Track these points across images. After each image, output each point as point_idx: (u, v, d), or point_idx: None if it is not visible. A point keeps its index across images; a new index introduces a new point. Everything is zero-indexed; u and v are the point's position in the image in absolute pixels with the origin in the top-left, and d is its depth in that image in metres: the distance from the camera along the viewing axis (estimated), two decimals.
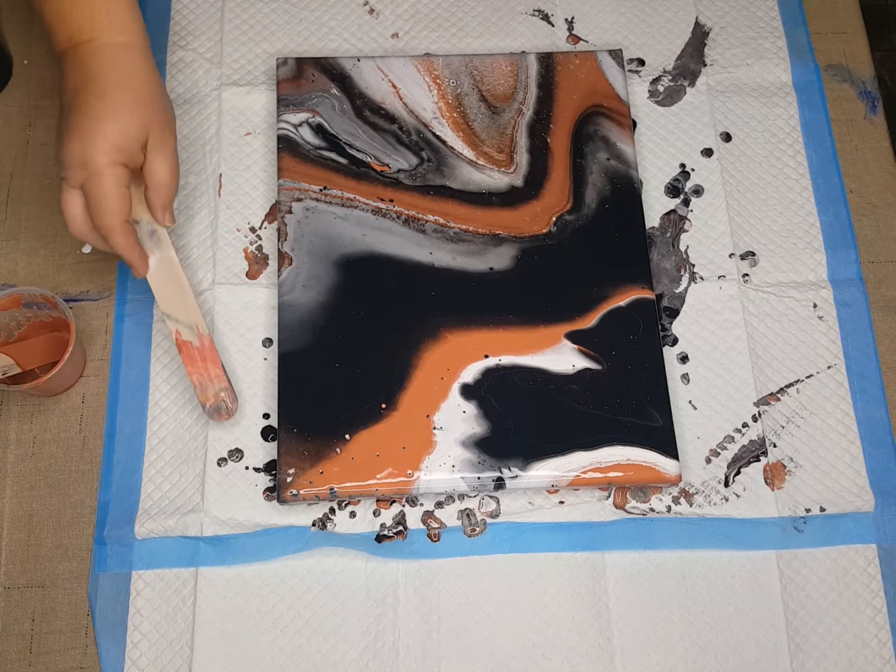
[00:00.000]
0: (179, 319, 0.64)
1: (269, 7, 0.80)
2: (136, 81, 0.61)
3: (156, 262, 0.64)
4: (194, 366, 0.64)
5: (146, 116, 0.60)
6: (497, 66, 0.76)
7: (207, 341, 0.64)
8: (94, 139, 0.58)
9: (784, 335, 0.71)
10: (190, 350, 0.64)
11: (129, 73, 0.60)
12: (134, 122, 0.59)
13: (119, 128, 0.58)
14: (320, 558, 0.64)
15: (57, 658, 0.62)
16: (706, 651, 0.63)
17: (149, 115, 0.60)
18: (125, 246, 0.60)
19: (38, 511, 0.65)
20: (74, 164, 0.58)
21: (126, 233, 0.60)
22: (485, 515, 0.65)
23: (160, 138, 0.61)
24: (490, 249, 0.70)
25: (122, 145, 0.59)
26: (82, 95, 0.59)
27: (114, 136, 0.58)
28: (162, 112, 0.62)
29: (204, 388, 0.63)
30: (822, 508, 0.66)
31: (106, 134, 0.58)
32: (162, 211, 0.63)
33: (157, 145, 0.61)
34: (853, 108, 0.79)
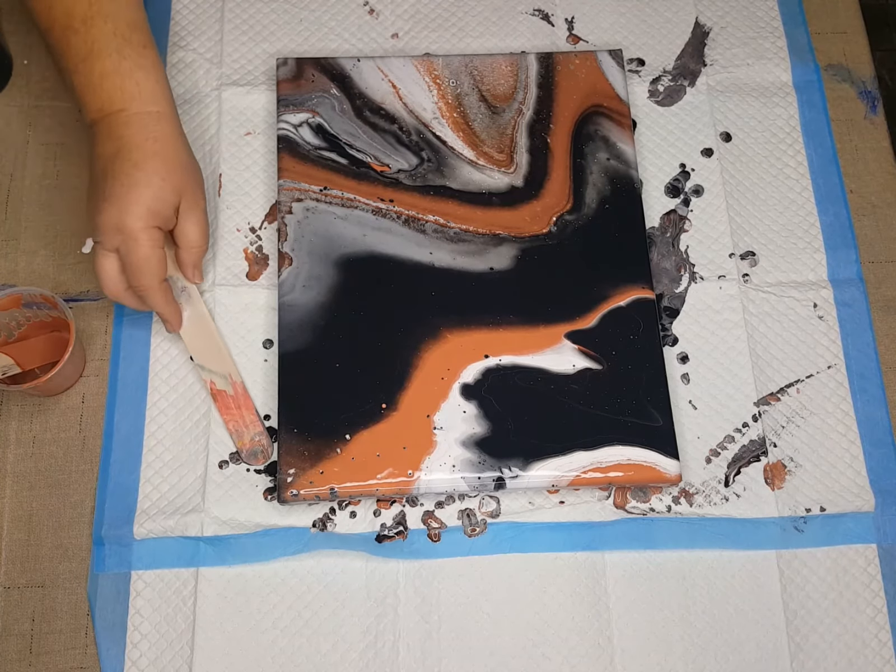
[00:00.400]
0: (213, 370, 0.66)
1: (269, 7, 0.80)
2: (168, 149, 0.63)
3: (188, 316, 0.66)
4: (229, 413, 0.65)
5: (178, 182, 0.63)
6: (497, 66, 0.76)
7: (241, 388, 0.66)
8: (130, 205, 0.60)
9: (784, 335, 0.71)
10: (225, 398, 0.65)
11: (161, 141, 0.62)
12: (167, 187, 0.62)
13: (153, 193, 0.61)
14: (320, 558, 0.64)
15: (57, 658, 0.62)
16: (706, 651, 0.63)
17: (180, 180, 0.63)
18: (163, 304, 0.64)
19: (38, 511, 0.65)
20: (110, 229, 0.60)
21: (164, 291, 0.63)
22: (485, 515, 0.65)
23: (191, 201, 0.64)
24: (490, 249, 0.70)
25: (156, 210, 0.61)
26: (117, 163, 0.61)
27: (148, 202, 0.61)
28: (192, 176, 0.65)
29: (240, 434, 0.65)
30: (822, 508, 0.66)
31: (141, 200, 0.60)
32: (192, 269, 0.66)
33: (188, 208, 0.64)
34: (853, 108, 0.79)
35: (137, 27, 0.64)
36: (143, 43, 0.64)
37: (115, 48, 0.62)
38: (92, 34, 0.62)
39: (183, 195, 0.63)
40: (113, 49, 0.62)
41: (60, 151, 0.75)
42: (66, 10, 0.62)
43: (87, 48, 0.62)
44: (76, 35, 0.62)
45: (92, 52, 0.62)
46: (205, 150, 0.75)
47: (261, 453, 0.64)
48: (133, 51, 0.63)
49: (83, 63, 0.62)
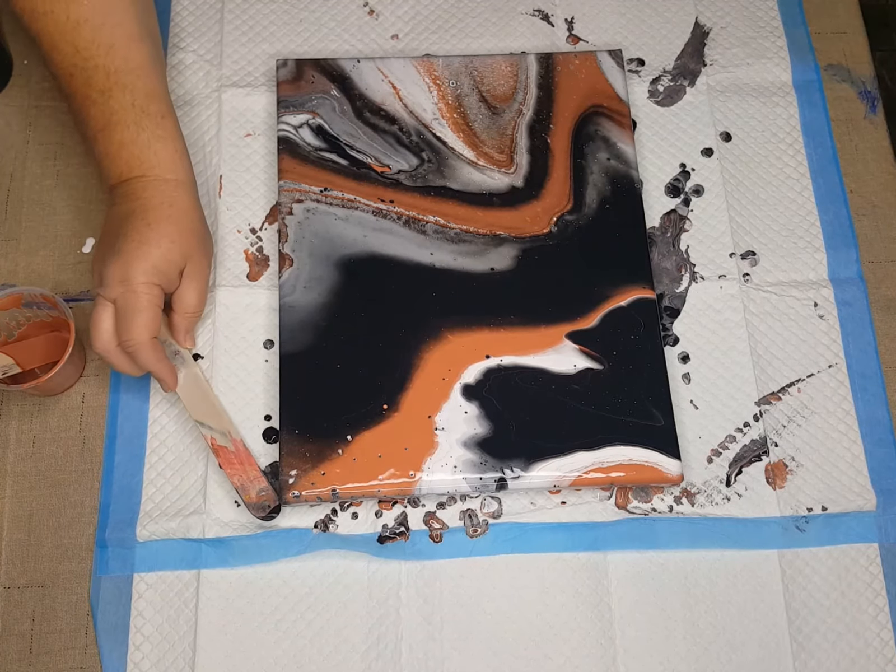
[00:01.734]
0: (213, 427, 0.65)
1: (269, 8, 0.80)
2: (182, 214, 0.63)
3: (183, 376, 0.65)
4: (233, 468, 0.64)
5: (187, 247, 0.63)
6: (497, 66, 0.76)
7: (241, 445, 0.65)
8: (137, 260, 0.60)
9: (785, 334, 0.71)
10: (227, 454, 0.65)
11: (176, 207, 0.63)
12: (175, 250, 0.62)
13: (161, 254, 0.61)
14: (322, 560, 0.64)
15: (57, 658, 0.62)
16: (708, 651, 0.63)
17: (190, 245, 0.63)
18: (153, 360, 0.62)
19: (38, 511, 0.65)
20: (114, 281, 0.60)
21: (154, 348, 0.62)
22: (487, 516, 0.65)
23: (197, 268, 0.64)
24: (491, 250, 0.70)
25: (161, 269, 0.61)
26: (130, 222, 0.62)
27: (155, 259, 0.61)
28: (202, 245, 0.65)
29: (245, 489, 0.64)
30: (823, 508, 0.66)
31: (149, 257, 0.61)
32: (185, 334, 0.66)
33: (192, 274, 0.64)
34: (853, 108, 0.79)
35: (156, 97, 0.64)
36: (162, 113, 0.64)
37: (132, 120, 0.63)
38: (110, 105, 0.63)
39: (189, 261, 0.63)
40: (131, 121, 0.63)
41: (60, 151, 0.75)
42: (86, 80, 0.63)
43: (106, 119, 0.63)
44: (94, 105, 0.63)
45: (110, 122, 0.63)
46: (205, 151, 0.75)
47: (268, 507, 0.64)
48: (151, 122, 0.63)
49: (101, 133, 0.63)
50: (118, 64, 0.63)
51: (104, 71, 0.63)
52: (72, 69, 0.63)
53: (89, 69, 0.62)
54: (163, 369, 0.63)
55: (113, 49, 0.63)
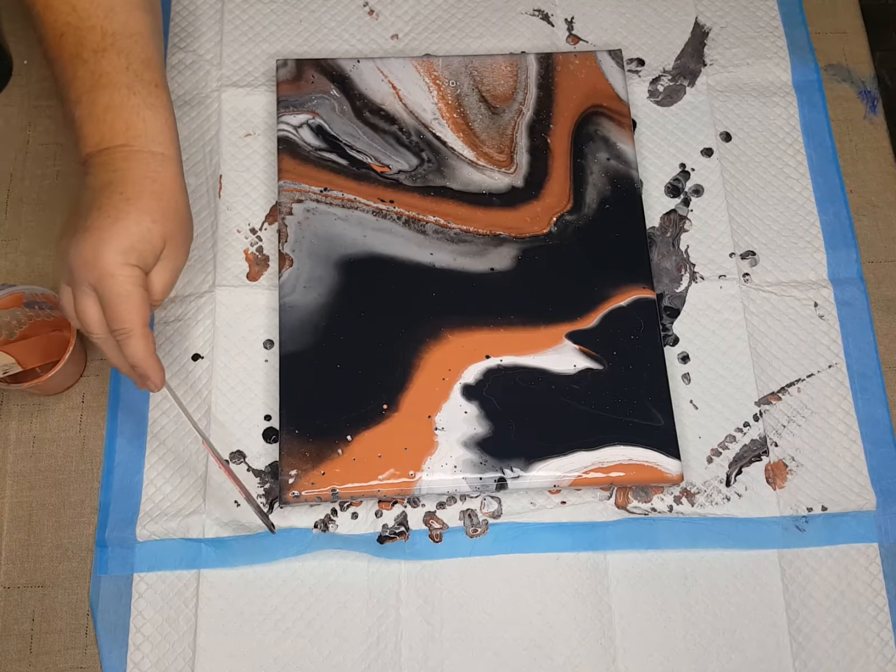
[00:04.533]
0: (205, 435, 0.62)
1: (269, 8, 0.80)
2: (166, 191, 0.57)
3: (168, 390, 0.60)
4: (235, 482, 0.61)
5: (169, 229, 0.57)
6: (497, 66, 0.76)
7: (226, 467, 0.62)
8: (113, 237, 0.54)
9: (785, 334, 0.71)
10: (224, 467, 0.61)
11: (160, 182, 0.57)
12: (157, 230, 0.56)
13: (140, 232, 0.55)
14: (322, 560, 0.64)
15: (57, 658, 0.62)
16: (708, 651, 0.63)
17: (172, 227, 0.57)
18: (144, 354, 0.56)
19: (38, 511, 0.65)
20: (84, 263, 0.54)
21: (146, 338, 0.56)
22: (486, 516, 0.65)
23: (175, 253, 0.58)
24: (491, 250, 0.70)
25: (140, 250, 0.55)
26: (105, 194, 0.56)
27: (134, 239, 0.55)
28: (184, 228, 0.59)
29: (251, 501, 0.61)
30: (823, 507, 0.66)
31: (126, 234, 0.54)
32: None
33: (168, 259, 0.58)
34: (853, 108, 0.79)
35: (152, 66, 0.60)
36: (156, 82, 0.59)
37: (125, 83, 0.58)
38: (102, 65, 0.58)
39: (168, 244, 0.57)
40: (123, 83, 0.58)
41: (60, 151, 0.75)
42: (78, 40, 0.58)
43: (95, 79, 0.57)
44: (84, 65, 0.58)
45: (99, 83, 0.57)
46: (205, 151, 0.75)
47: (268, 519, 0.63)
48: (144, 88, 0.58)
49: (88, 94, 0.57)
50: (116, 27, 0.58)
51: (101, 31, 0.58)
52: (64, 28, 0.58)
53: (84, 29, 0.58)
54: (153, 364, 0.57)
55: (113, 12, 0.58)
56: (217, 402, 0.67)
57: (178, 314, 0.70)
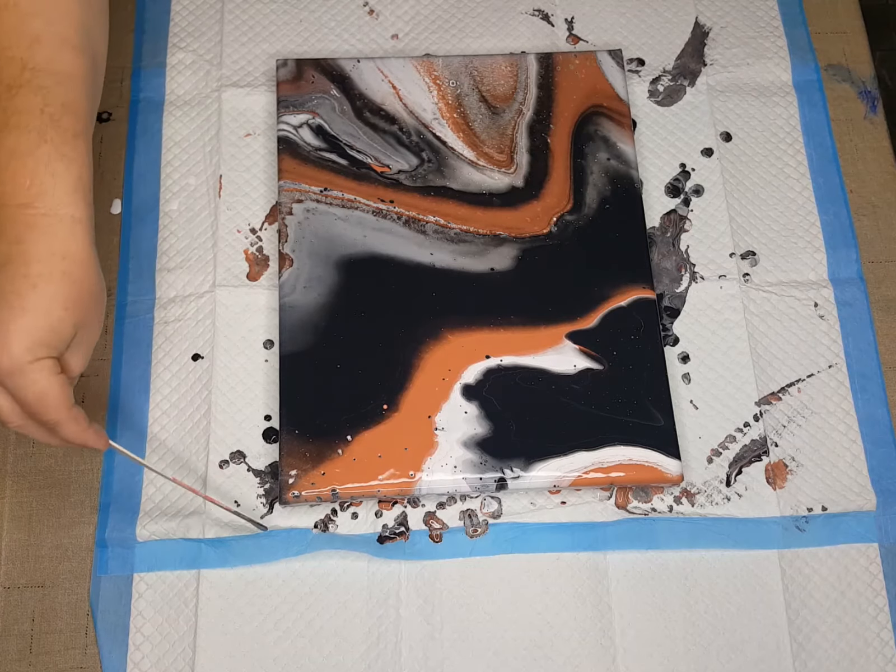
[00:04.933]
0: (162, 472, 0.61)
1: (269, 8, 0.80)
2: (77, 269, 0.50)
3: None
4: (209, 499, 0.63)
5: (82, 314, 0.50)
6: (497, 66, 0.76)
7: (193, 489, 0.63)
8: (15, 333, 0.47)
9: (785, 334, 0.71)
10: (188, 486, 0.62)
11: (70, 258, 0.49)
12: (68, 320, 0.49)
13: (50, 325, 0.48)
14: (322, 560, 0.64)
15: (57, 658, 0.62)
16: (708, 651, 0.63)
17: (86, 311, 0.51)
18: (79, 433, 0.52)
19: (38, 511, 0.65)
20: None
21: (76, 419, 0.51)
22: (487, 516, 0.65)
23: (88, 336, 0.52)
24: (491, 250, 0.70)
25: (50, 343, 0.49)
26: (6, 276, 0.48)
27: (43, 333, 0.48)
28: (98, 306, 0.52)
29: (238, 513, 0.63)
30: (823, 508, 0.66)
31: (31, 330, 0.48)
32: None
33: (81, 342, 0.52)
34: (853, 108, 0.79)
35: (73, 112, 0.52)
36: (75, 131, 0.51)
37: (36, 126, 0.49)
38: (14, 103, 0.50)
39: (81, 329, 0.51)
40: (34, 127, 0.49)
41: None
42: None
43: (5, 118, 0.50)
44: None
45: (8, 123, 0.49)
46: (205, 151, 0.75)
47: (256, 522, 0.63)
48: (59, 135, 0.50)
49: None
50: (39, 62, 0.51)
51: (20, 63, 0.51)
52: None
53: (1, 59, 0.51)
54: (91, 437, 0.53)
55: (38, 44, 0.51)
56: (217, 402, 0.67)
57: (178, 314, 0.70)
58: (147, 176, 0.74)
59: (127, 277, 0.71)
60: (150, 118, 0.76)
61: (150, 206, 0.73)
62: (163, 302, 0.70)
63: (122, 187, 0.74)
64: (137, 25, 0.79)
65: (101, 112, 0.76)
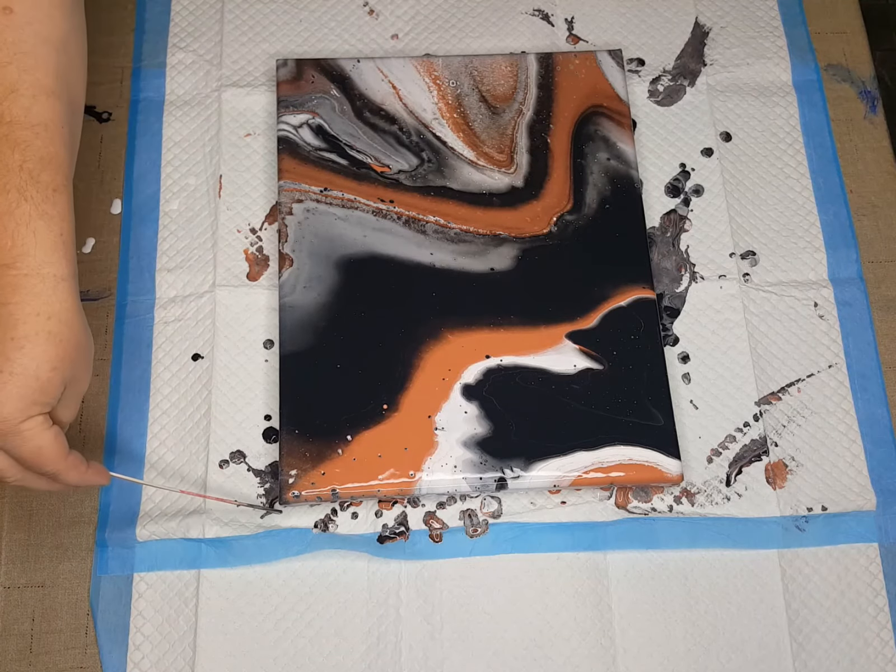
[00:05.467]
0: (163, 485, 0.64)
1: (269, 8, 0.80)
2: (63, 328, 0.50)
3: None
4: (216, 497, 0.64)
5: (69, 371, 0.51)
6: (497, 66, 0.76)
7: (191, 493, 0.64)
8: (7, 398, 0.48)
9: (785, 334, 0.71)
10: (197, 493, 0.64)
11: (55, 319, 0.50)
12: (57, 378, 0.50)
13: (39, 386, 0.49)
14: (322, 560, 0.64)
15: (57, 658, 0.62)
16: (708, 651, 0.63)
17: (73, 367, 0.51)
18: (80, 477, 0.54)
19: (38, 511, 0.65)
20: None
21: (75, 465, 0.53)
22: (487, 516, 0.65)
23: (77, 389, 0.53)
24: (491, 250, 0.70)
25: (39, 401, 0.50)
26: None
27: (31, 394, 0.49)
28: (86, 358, 0.53)
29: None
30: (823, 507, 0.66)
31: (22, 393, 0.49)
32: None
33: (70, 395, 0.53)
34: (853, 108, 0.79)
35: (53, 164, 0.52)
36: (55, 186, 0.51)
37: (16, 185, 0.50)
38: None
39: (69, 384, 0.52)
40: (13, 186, 0.50)
41: None
42: None
43: None
44: None
45: None
46: (205, 151, 0.75)
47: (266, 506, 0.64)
48: (39, 193, 0.50)
49: None
50: (16, 113, 0.51)
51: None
52: None
53: None
54: (92, 478, 0.55)
55: (14, 95, 0.51)
56: (217, 402, 0.67)
57: (178, 314, 0.70)
58: (147, 176, 0.74)
59: (127, 277, 0.71)
60: (150, 118, 0.76)
61: (150, 206, 0.73)
62: (163, 302, 0.70)
63: (122, 187, 0.74)
64: (137, 25, 0.79)
65: (101, 112, 0.76)
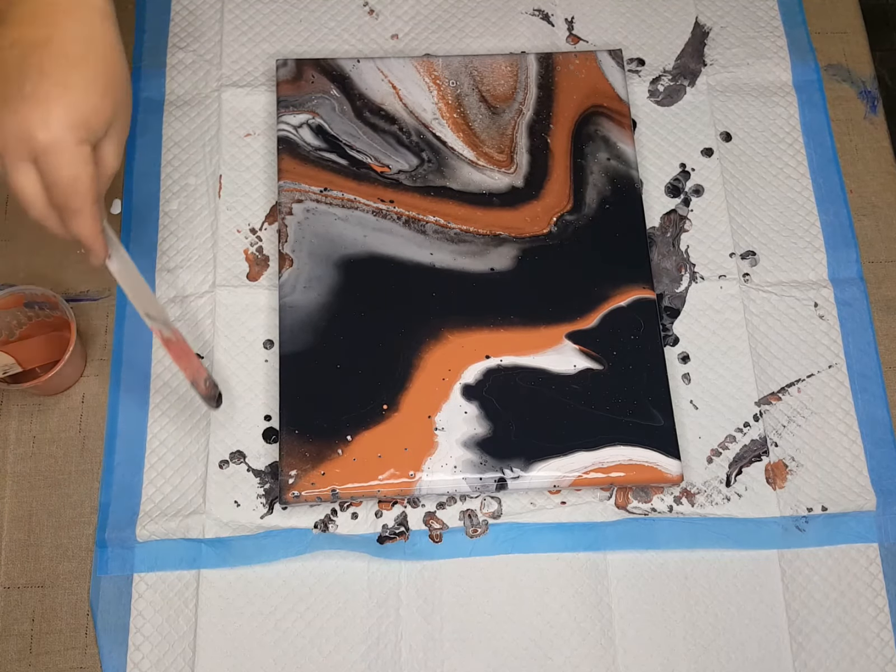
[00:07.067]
0: (155, 317, 0.58)
1: (269, 8, 0.80)
2: (111, 54, 0.50)
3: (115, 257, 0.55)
4: (182, 362, 0.60)
5: (118, 99, 0.50)
6: (497, 66, 0.76)
7: (179, 334, 0.60)
8: (62, 110, 0.47)
9: (785, 334, 0.71)
10: (174, 348, 0.60)
11: (104, 44, 0.49)
12: (108, 101, 0.49)
13: (93, 104, 0.48)
14: (322, 560, 0.64)
15: (57, 658, 0.62)
16: (708, 651, 0.63)
17: (120, 98, 0.50)
18: (92, 231, 0.51)
19: (38, 511, 0.65)
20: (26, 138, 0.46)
21: (95, 216, 0.50)
22: (486, 516, 0.65)
23: (122, 124, 0.51)
24: (491, 250, 0.70)
25: (92, 124, 0.48)
26: (46, 57, 0.47)
27: (86, 112, 0.48)
28: (128, 96, 0.52)
29: (196, 383, 0.61)
30: (823, 508, 0.66)
31: (78, 107, 0.47)
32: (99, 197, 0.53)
33: (115, 129, 0.51)
34: (853, 108, 0.79)
35: None
36: None
37: None
38: None
39: (116, 115, 0.50)
40: None
41: None
42: None
43: None
44: None
45: None
46: (205, 151, 0.75)
47: (216, 398, 0.62)
48: None
49: None
50: None
51: None
52: None
53: None
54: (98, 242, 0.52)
55: None
56: None
57: (178, 314, 0.70)
58: (147, 176, 0.74)
59: None
60: (150, 118, 0.76)
61: (151, 205, 0.73)
62: (163, 302, 0.70)
63: (122, 187, 0.74)
64: (137, 25, 0.79)
65: None
